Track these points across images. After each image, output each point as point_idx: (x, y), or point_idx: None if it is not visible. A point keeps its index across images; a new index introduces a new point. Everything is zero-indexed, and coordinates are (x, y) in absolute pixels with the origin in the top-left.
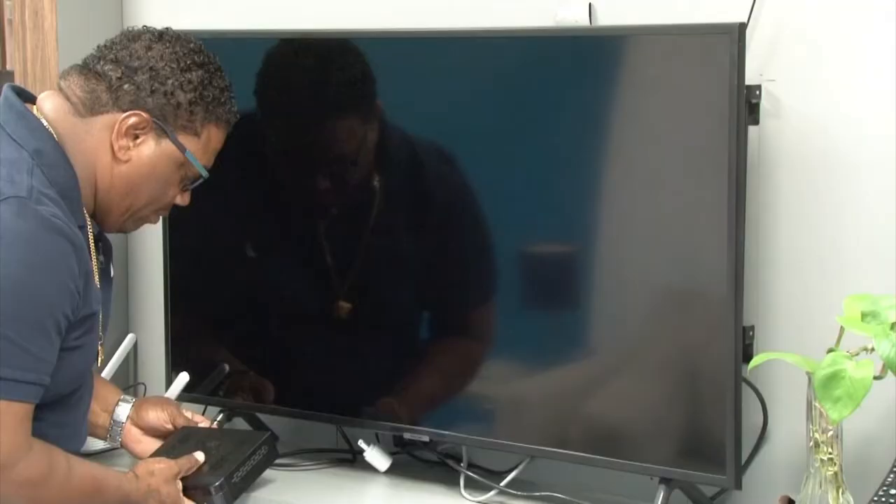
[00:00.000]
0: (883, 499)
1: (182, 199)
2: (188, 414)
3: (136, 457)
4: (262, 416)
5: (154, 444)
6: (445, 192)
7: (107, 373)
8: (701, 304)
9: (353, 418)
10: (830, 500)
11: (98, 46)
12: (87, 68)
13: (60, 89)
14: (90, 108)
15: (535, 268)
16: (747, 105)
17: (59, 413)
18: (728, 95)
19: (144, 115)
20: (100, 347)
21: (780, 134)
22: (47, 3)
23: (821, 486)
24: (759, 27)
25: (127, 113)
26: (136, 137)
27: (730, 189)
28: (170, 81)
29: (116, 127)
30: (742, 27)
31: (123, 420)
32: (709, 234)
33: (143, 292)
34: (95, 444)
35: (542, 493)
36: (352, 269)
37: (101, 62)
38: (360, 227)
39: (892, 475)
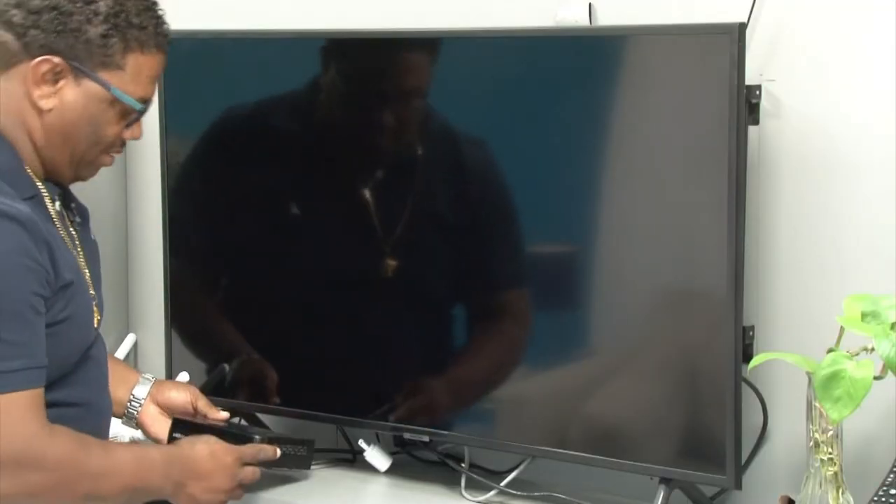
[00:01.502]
0: (883, 499)
1: (132, 133)
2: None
3: (152, 437)
4: (263, 416)
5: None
6: (479, 174)
7: None
8: (701, 304)
9: (354, 418)
10: (830, 500)
11: None
12: None
13: None
14: (4, 62)
15: (534, 267)
16: (747, 105)
17: (70, 390)
18: (728, 95)
19: (56, 58)
20: (95, 308)
21: (780, 134)
22: None
23: (821, 486)
24: (759, 27)
25: (37, 59)
26: (56, 83)
27: (730, 189)
28: (75, 17)
29: (30, 76)
30: (742, 27)
31: (143, 396)
32: (709, 234)
33: (143, 292)
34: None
35: (542, 493)
36: (394, 233)
37: (5, 8)
38: (405, 194)
39: (892, 475)
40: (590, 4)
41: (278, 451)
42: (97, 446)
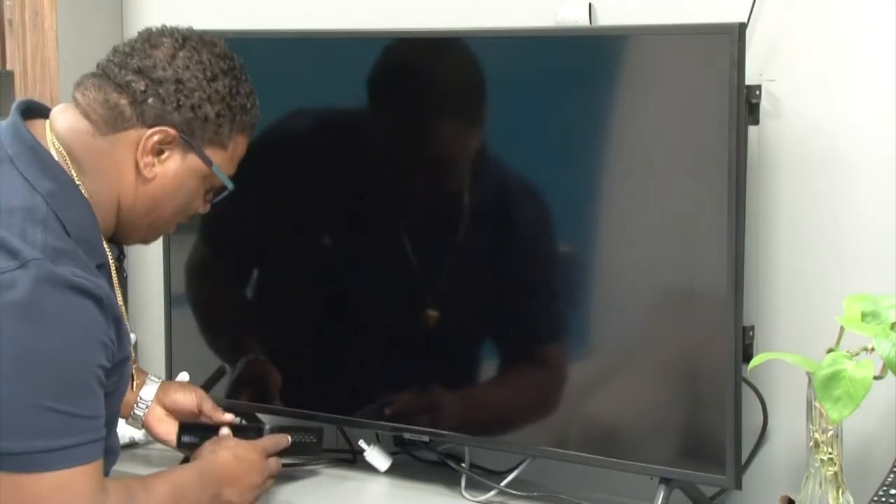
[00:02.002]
0: (883, 499)
1: (203, 208)
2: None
3: (158, 438)
4: (263, 416)
5: (176, 426)
6: (526, 223)
7: None
8: (701, 304)
9: (354, 418)
10: (830, 500)
11: (115, 51)
12: (106, 79)
13: (77, 103)
14: (112, 125)
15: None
16: (747, 105)
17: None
18: (728, 95)
19: (171, 130)
20: (134, 369)
21: (780, 134)
22: (47, 3)
23: (821, 486)
24: (759, 27)
25: (153, 129)
26: (161, 153)
27: (730, 189)
28: (196, 94)
29: (141, 144)
30: (742, 27)
31: (150, 399)
32: (709, 234)
33: (144, 292)
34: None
35: (542, 493)
36: (438, 280)
37: (122, 72)
38: (447, 241)
39: (892, 475)
40: (590, 4)
41: (290, 439)
42: (140, 489)
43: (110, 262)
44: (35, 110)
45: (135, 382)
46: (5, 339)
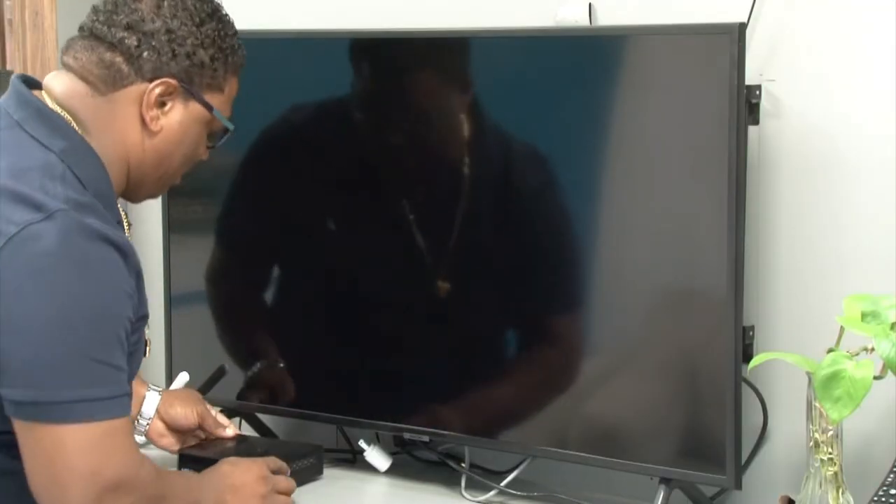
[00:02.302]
0: (883, 499)
1: (205, 155)
2: (214, 413)
3: (160, 448)
4: (263, 417)
5: (177, 439)
6: (533, 191)
7: None
8: (701, 304)
9: (354, 418)
10: (830, 500)
11: (97, 10)
12: (95, 39)
13: (69, 67)
14: (111, 83)
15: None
16: (747, 105)
17: None
18: (728, 95)
19: (172, 81)
20: (146, 339)
21: (780, 134)
22: (47, 3)
23: (821, 486)
24: (759, 27)
25: (155, 82)
26: (164, 105)
27: (730, 189)
28: (189, 41)
29: (145, 99)
30: (742, 27)
31: (151, 415)
32: (709, 234)
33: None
34: None
35: (542, 493)
36: (444, 253)
37: (112, 30)
38: (448, 216)
39: (892, 475)
40: (590, 4)
41: (289, 470)
42: (163, 472)
43: (125, 222)
44: (31, 83)
45: (133, 392)
46: (39, 290)
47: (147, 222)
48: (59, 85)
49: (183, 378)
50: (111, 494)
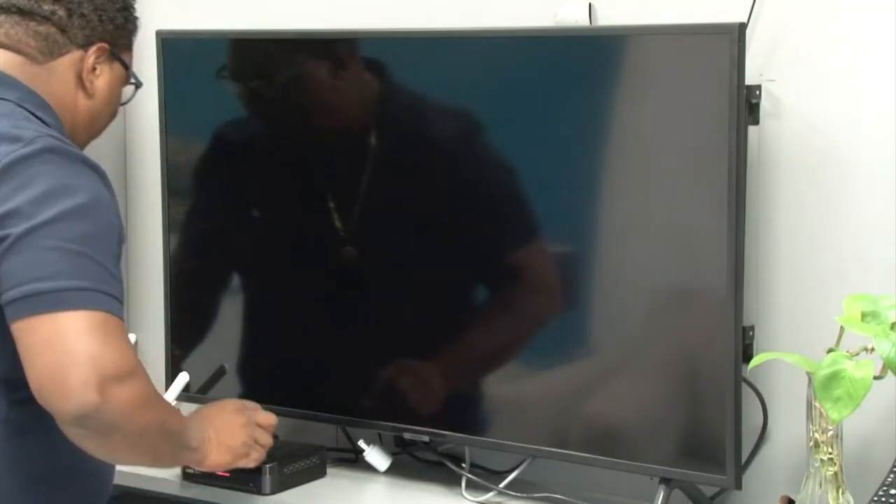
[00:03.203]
0: (883, 499)
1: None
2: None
3: None
4: None
5: None
6: (459, 144)
7: None
8: (701, 304)
9: (354, 418)
10: (830, 500)
11: None
12: (21, 14)
13: (0, 44)
14: (49, 53)
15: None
16: (747, 105)
17: None
18: (728, 95)
19: (104, 45)
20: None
21: (780, 134)
22: None
23: (821, 486)
24: (759, 27)
25: (92, 48)
26: (95, 69)
27: (730, 189)
28: (109, 7)
29: (85, 64)
30: (742, 27)
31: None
32: (709, 233)
33: (144, 292)
34: None
35: (542, 494)
36: (352, 218)
37: (38, 4)
38: (357, 182)
39: (892, 475)
40: (590, 4)
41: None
42: (162, 399)
43: None
44: None
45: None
46: (36, 193)
47: (147, 222)
48: None
49: (183, 378)
50: (114, 384)
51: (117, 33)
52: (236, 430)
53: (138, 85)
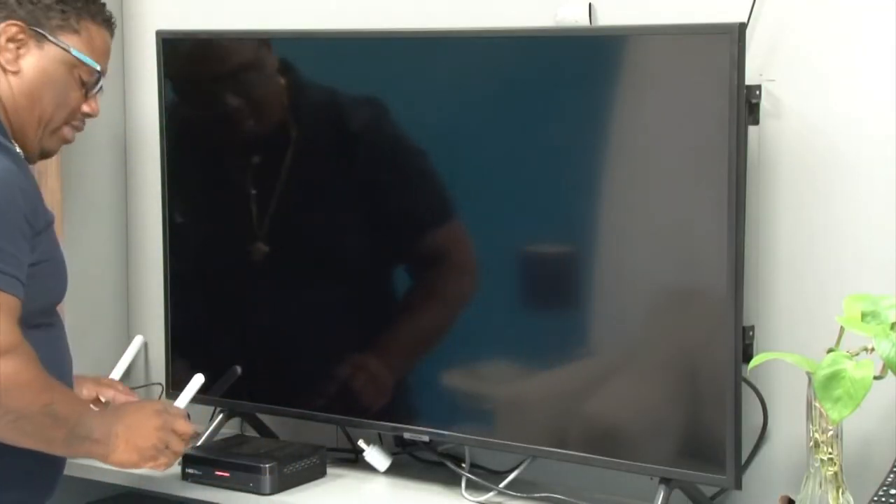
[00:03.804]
0: (883, 499)
1: (90, 107)
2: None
3: None
4: (263, 417)
5: None
6: (370, 131)
7: (118, 374)
8: (701, 304)
9: (354, 418)
10: (830, 500)
11: None
12: None
13: None
14: None
15: (534, 267)
16: (747, 105)
17: (35, 337)
18: (728, 95)
19: (18, 23)
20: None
21: (780, 134)
22: None
23: (821, 486)
24: (759, 27)
25: (1, 25)
26: (19, 48)
27: (730, 189)
28: None
29: None
30: (742, 27)
31: None
32: (709, 233)
33: (144, 293)
34: None
35: (542, 494)
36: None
37: None
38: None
39: (892, 475)
40: (590, 4)
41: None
42: (54, 381)
43: (15, 149)
44: None
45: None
46: None
47: (147, 223)
48: None
49: (198, 380)
50: (5, 358)
51: (41, 13)
52: (149, 431)
53: (95, 70)
